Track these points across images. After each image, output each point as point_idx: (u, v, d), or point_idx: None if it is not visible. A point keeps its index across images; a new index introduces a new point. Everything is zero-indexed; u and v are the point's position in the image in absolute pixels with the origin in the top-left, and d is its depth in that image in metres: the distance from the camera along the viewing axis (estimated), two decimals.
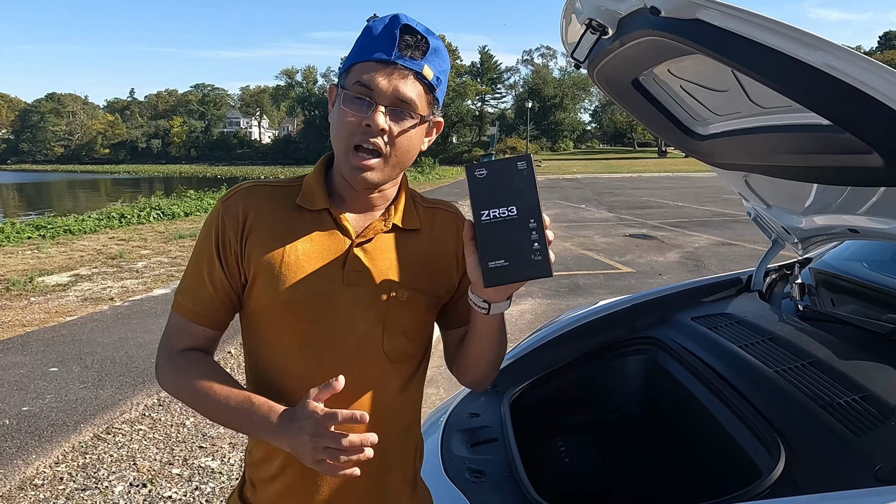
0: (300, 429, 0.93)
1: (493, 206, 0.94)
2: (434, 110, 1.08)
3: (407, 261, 1.11)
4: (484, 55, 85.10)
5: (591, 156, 70.79)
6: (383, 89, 1.00)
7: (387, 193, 1.12)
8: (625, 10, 1.45)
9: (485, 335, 1.09)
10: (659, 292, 2.42)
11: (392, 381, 1.11)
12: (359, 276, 1.06)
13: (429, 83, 1.04)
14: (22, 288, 7.34)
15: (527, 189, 0.94)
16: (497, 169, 0.95)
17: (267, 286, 1.05)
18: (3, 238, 10.93)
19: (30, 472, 3.24)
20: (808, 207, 2.13)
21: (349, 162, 1.03)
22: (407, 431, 1.17)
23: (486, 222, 0.94)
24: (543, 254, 0.93)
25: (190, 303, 1.10)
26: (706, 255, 9.71)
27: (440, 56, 1.06)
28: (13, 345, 5.26)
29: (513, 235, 0.93)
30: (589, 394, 2.12)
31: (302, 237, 1.07)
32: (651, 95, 1.92)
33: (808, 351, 1.78)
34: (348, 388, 1.05)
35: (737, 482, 1.37)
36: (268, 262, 1.05)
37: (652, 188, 26.39)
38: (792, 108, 1.43)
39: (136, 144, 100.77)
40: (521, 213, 0.93)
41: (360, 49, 1.03)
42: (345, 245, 1.08)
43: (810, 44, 1.08)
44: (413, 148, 1.07)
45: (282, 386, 1.08)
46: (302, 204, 1.09)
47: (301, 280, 1.05)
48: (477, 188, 0.94)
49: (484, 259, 0.94)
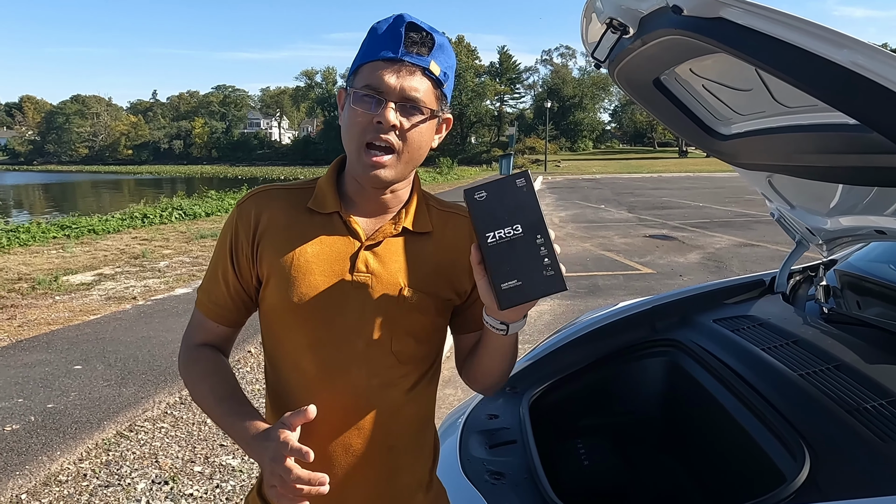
0: (265, 449, 0.96)
1: (497, 228, 0.93)
2: (443, 106, 1.09)
3: (416, 264, 1.12)
4: (503, 55, 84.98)
5: (611, 156, 70.35)
6: (392, 86, 1.02)
7: (399, 195, 1.13)
8: (646, 8, 1.43)
9: (499, 350, 1.10)
10: (680, 294, 2.39)
11: (402, 382, 1.12)
12: (367, 278, 1.08)
13: (436, 78, 1.05)
14: (47, 287, 7.47)
15: (529, 205, 0.94)
16: (496, 189, 0.94)
17: (278, 288, 1.09)
18: (29, 238, 11.13)
19: (54, 469, 3.30)
20: (833, 208, 2.10)
21: (362, 160, 1.04)
22: (419, 432, 1.17)
23: (493, 244, 0.93)
24: (555, 268, 0.92)
25: (207, 301, 1.16)
26: (728, 257, 9.60)
27: (446, 52, 1.07)
28: (39, 343, 5.35)
29: (521, 254, 0.92)
30: (608, 395, 2.10)
31: (312, 240, 1.10)
32: (672, 95, 1.90)
33: (833, 354, 1.74)
34: (358, 389, 1.08)
35: (759, 487, 1.35)
36: (279, 265, 1.08)
37: (672, 188, 26.15)
38: (818, 107, 1.40)
39: (159, 145, 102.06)
40: (527, 231, 0.93)
41: (367, 50, 1.05)
42: (354, 248, 1.09)
43: (837, 42, 1.06)
44: (424, 143, 1.08)
45: (294, 384, 1.11)
46: (313, 207, 1.12)
47: (309, 282, 1.07)
48: (478, 211, 0.94)
49: (496, 281, 0.93)
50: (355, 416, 1.09)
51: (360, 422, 1.09)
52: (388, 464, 1.12)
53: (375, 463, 1.11)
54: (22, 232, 11.49)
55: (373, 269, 1.09)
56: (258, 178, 50.31)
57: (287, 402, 1.11)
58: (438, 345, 1.18)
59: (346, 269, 1.08)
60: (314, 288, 1.07)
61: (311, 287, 1.07)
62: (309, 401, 1.06)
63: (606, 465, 1.94)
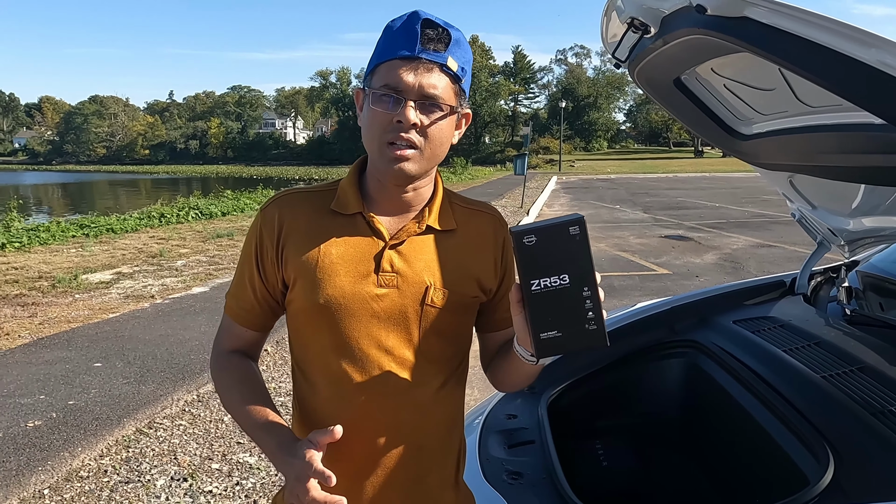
0: (290, 466, 0.97)
1: (543, 276, 0.88)
2: (461, 101, 1.09)
3: (442, 262, 1.11)
4: (517, 55, 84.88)
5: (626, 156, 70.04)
6: (410, 84, 1.01)
7: (421, 193, 1.13)
8: (668, 8, 1.43)
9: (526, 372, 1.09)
10: (698, 295, 2.38)
11: (430, 381, 1.12)
12: (393, 277, 1.08)
13: (454, 74, 1.05)
14: (67, 285, 7.57)
15: (580, 255, 0.88)
16: (546, 235, 0.88)
17: (304, 290, 1.09)
18: (49, 237, 11.28)
19: (76, 465, 3.34)
20: (855, 209, 2.08)
21: (385, 155, 1.04)
22: (448, 432, 1.17)
23: (537, 292, 0.88)
24: (598, 322, 0.89)
25: (235, 305, 1.17)
26: (745, 257, 9.52)
27: (462, 47, 1.06)
28: (59, 340, 5.42)
29: (565, 306, 0.88)
30: (627, 396, 2.09)
31: (336, 241, 1.10)
32: (693, 95, 1.89)
33: (856, 356, 1.73)
34: (387, 389, 1.08)
35: (782, 490, 1.34)
36: (304, 267, 1.09)
37: (688, 188, 25.97)
38: (842, 106, 1.39)
39: (175, 145, 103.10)
40: (575, 282, 0.88)
41: (384, 48, 1.04)
42: (378, 247, 1.09)
43: (864, 41, 1.05)
44: (445, 140, 1.08)
45: (322, 386, 1.11)
46: (336, 208, 1.12)
47: (335, 283, 1.07)
48: (525, 256, 0.88)
49: (535, 330, 0.90)
50: (385, 416, 1.09)
51: (390, 422, 1.09)
52: (418, 463, 1.12)
53: (405, 463, 1.11)
54: (42, 231, 11.65)
55: (398, 268, 1.08)
56: (273, 177, 50.63)
57: (315, 404, 1.12)
58: (466, 343, 1.18)
59: (372, 270, 1.08)
60: (340, 289, 1.07)
61: (336, 288, 1.07)
62: (338, 402, 1.09)
63: (625, 467, 1.93)
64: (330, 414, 1.09)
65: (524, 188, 20.54)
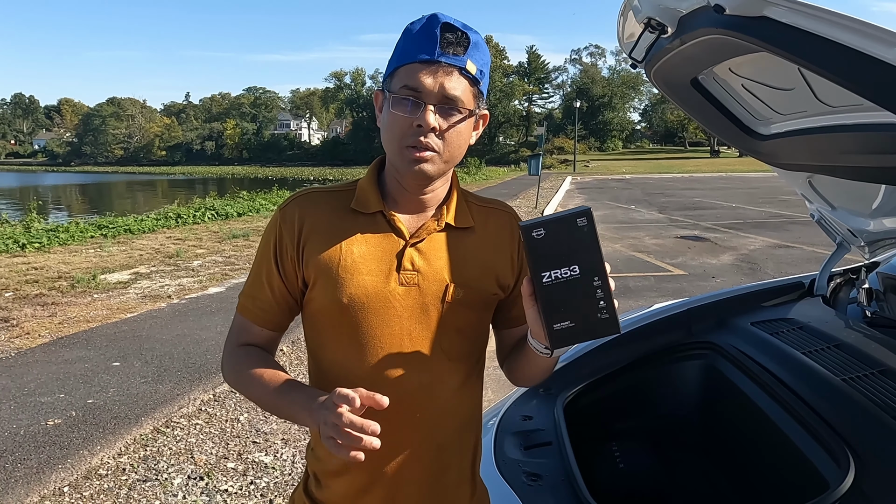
0: (324, 405, 0.95)
1: (553, 267, 0.90)
2: (479, 103, 1.10)
3: (461, 259, 1.12)
4: (531, 55, 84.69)
5: (641, 156, 69.63)
6: (430, 88, 1.02)
7: (438, 193, 1.14)
8: (686, 8, 1.42)
9: (541, 366, 1.10)
10: (716, 296, 2.36)
11: (451, 379, 1.13)
12: (414, 276, 1.09)
13: (473, 77, 1.05)
14: (86, 285, 7.66)
15: (589, 245, 0.90)
16: (555, 227, 0.90)
17: (325, 289, 1.09)
18: (68, 237, 11.44)
19: (95, 463, 3.38)
20: (876, 209, 2.05)
21: (404, 157, 1.05)
22: (466, 429, 1.18)
23: (548, 284, 0.90)
24: (610, 311, 0.90)
25: (251, 305, 1.16)
26: (762, 258, 9.43)
27: (481, 50, 1.07)
28: (79, 339, 5.49)
29: (577, 296, 0.90)
30: (644, 398, 2.08)
31: (357, 240, 1.10)
32: (710, 95, 1.87)
33: (877, 359, 1.70)
34: (410, 387, 1.09)
35: (801, 494, 1.33)
36: (325, 266, 1.09)
37: (704, 189, 25.77)
38: (863, 106, 1.37)
39: (191, 146, 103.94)
40: (585, 272, 0.90)
41: (403, 51, 1.05)
42: (399, 246, 1.10)
43: (885, 39, 1.03)
44: (463, 142, 1.09)
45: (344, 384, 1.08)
46: (356, 207, 1.13)
47: (357, 282, 1.08)
48: (535, 249, 0.90)
49: (548, 322, 0.91)
50: (406, 414, 1.09)
51: (411, 420, 1.10)
52: (438, 461, 1.13)
53: (425, 461, 1.12)
54: (61, 231, 11.81)
55: (419, 266, 1.10)
56: (288, 178, 50.91)
57: None
58: (484, 340, 1.19)
59: (393, 268, 1.09)
60: (363, 287, 1.08)
61: (359, 287, 1.08)
62: None
63: (642, 469, 1.92)
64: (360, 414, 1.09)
65: (538, 188, 20.48)
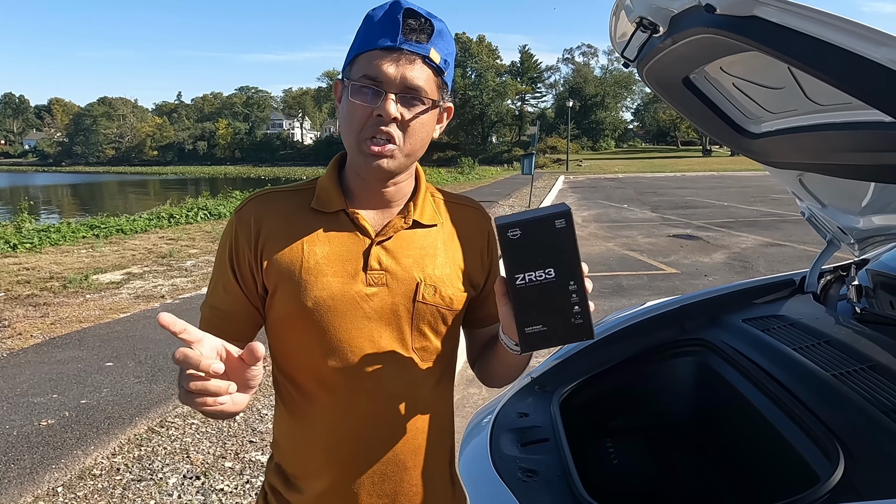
0: None
1: (528, 269, 0.86)
2: (444, 94, 1.05)
3: (430, 257, 1.08)
4: (524, 54, 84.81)
5: (634, 155, 69.86)
6: (391, 76, 0.97)
7: (402, 188, 1.09)
8: (678, 7, 1.43)
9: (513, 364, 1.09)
10: (708, 293, 2.38)
11: (426, 380, 1.10)
12: (382, 275, 1.05)
13: (437, 66, 1.00)
14: (78, 285, 7.62)
15: (566, 248, 0.86)
16: (532, 228, 0.86)
17: (289, 294, 1.04)
18: (60, 237, 11.37)
19: (88, 463, 3.37)
20: (865, 207, 2.07)
21: (363, 152, 1.00)
22: (443, 429, 1.16)
23: (522, 286, 0.87)
24: (584, 316, 0.87)
25: (210, 315, 1.09)
26: (754, 256, 9.48)
27: (445, 38, 1.02)
28: (71, 340, 5.47)
29: (551, 300, 0.87)
30: (637, 395, 2.10)
31: (320, 240, 1.05)
32: (702, 94, 1.89)
33: (867, 354, 1.73)
34: (385, 392, 1.06)
35: (793, 487, 1.35)
36: (287, 270, 1.04)
37: (696, 188, 25.87)
38: (852, 104, 1.40)
39: (183, 146, 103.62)
40: (560, 276, 0.86)
41: (364, 38, 1.00)
42: (365, 245, 1.06)
43: (874, 39, 1.05)
44: (426, 135, 1.04)
45: (315, 394, 1.07)
46: (317, 207, 1.08)
47: (322, 284, 1.03)
48: (510, 250, 0.86)
49: (520, 324, 0.88)
50: (381, 419, 1.06)
51: (386, 425, 1.07)
52: (416, 464, 1.10)
53: (403, 464, 1.09)
54: (53, 232, 11.73)
55: (386, 265, 1.05)
56: (281, 178, 50.89)
57: (313, 414, 1.07)
58: (456, 340, 1.16)
59: (360, 268, 1.04)
60: (328, 290, 1.03)
61: (324, 289, 1.03)
62: (333, 410, 1.05)
63: (636, 465, 1.94)
64: (329, 422, 1.06)
65: (532, 188, 20.51)
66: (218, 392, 0.83)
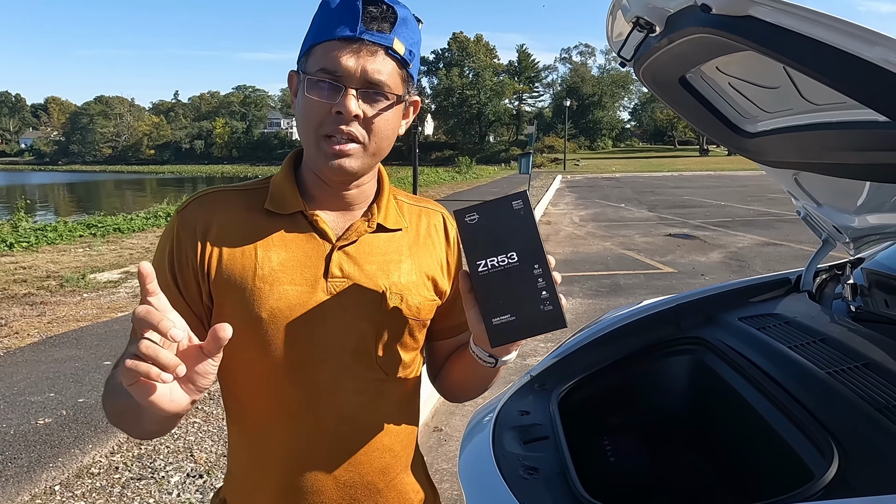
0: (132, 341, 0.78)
1: (490, 255, 0.84)
2: (409, 88, 0.97)
3: (396, 263, 1.01)
4: (522, 54, 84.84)
5: (631, 154, 69.99)
6: (352, 70, 0.88)
7: (365, 189, 1.01)
8: (674, 7, 1.44)
9: (484, 377, 1.03)
10: (704, 292, 2.39)
11: (391, 394, 1.03)
12: (344, 283, 0.96)
13: (401, 58, 0.92)
14: (75, 284, 7.61)
15: (526, 230, 0.84)
16: (489, 212, 0.84)
17: (239, 304, 0.94)
18: (57, 236, 11.36)
19: (86, 461, 3.37)
20: (860, 206, 2.08)
21: (322, 151, 0.92)
22: (410, 443, 1.09)
23: (485, 273, 0.84)
24: (553, 302, 0.83)
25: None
26: (750, 256, 9.51)
27: (410, 27, 0.94)
28: (68, 339, 5.47)
29: (516, 285, 0.83)
30: (634, 393, 2.11)
31: (275, 245, 0.96)
32: (698, 93, 1.90)
33: (861, 353, 1.74)
34: (347, 407, 0.98)
35: (788, 484, 1.36)
36: (238, 277, 0.94)
37: (694, 187, 25.93)
38: (846, 104, 1.41)
39: (180, 145, 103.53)
40: (523, 259, 0.84)
41: (320, 27, 0.91)
42: (325, 250, 0.97)
43: (869, 39, 1.06)
44: (392, 132, 0.96)
45: (271, 413, 0.97)
46: (272, 208, 0.98)
47: (279, 293, 0.94)
48: (469, 236, 0.84)
49: (487, 316, 0.84)
50: (345, 437, 0.99)
51: (351, 443, 0.99)
52: (387, 484, 1.03)
53: (374, 486, 1.02)
54: (50, 230, 11.73)
55: (348, 272, 0.97)
56: None
57: (265, 438, 0.98)
58: (419, 350, 1.09)
59: (320, 275, 0.96)
60: (285, 299, 0.94)
61: (281, 298, 0.94)
62: (293, 430, 0.97)
63: (633, 462, 1.95)
64: (291, 447, 0.97)
65: (529, 187, 20.54)
66: (167, 365, 0.71)
